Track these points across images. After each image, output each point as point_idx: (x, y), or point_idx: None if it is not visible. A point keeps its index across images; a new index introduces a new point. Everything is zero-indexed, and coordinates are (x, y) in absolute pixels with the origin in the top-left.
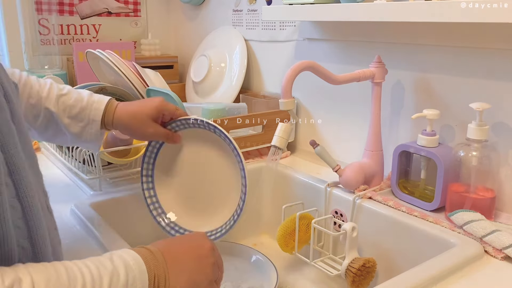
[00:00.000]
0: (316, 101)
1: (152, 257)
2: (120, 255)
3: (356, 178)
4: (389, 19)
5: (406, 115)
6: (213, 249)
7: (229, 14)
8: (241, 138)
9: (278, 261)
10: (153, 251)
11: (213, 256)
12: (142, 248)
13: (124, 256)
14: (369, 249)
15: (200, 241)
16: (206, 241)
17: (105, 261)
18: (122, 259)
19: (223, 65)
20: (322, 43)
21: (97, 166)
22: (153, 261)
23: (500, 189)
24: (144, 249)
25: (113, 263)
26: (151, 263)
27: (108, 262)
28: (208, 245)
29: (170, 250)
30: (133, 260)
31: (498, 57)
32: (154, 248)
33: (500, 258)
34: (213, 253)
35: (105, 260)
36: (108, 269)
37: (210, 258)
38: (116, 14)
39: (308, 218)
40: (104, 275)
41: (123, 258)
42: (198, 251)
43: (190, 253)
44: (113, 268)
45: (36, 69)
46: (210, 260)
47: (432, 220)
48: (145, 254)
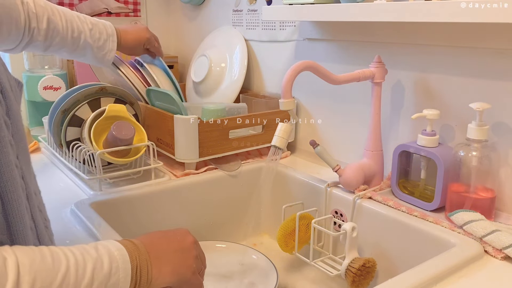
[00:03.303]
0: (316, 101)
1: (135, 248)
2: (105, 245)
3: (356, 178)
4: (389, 19)
5: (406, 115)
6: (195, 242)
7: (229, 14)
8: (241, 138)
9: (278, 261)
10: (136, 244)
11: (195, 249)
12: (126, 240)
13: (109, 246)
14: (369, 249)
15: (183, 235)
16: (189, 236)
17: (90, 249)
18: (106, 249)
19: (223, 65)
20: (322, 43)
21: (97, 166)
22: (136, 253)
23: (500, 189)
24: (128, 241)
25: (97, 252)
26: (134, 255)
27: (92, 250)
28: (191, 239)
29: (153, 242)
30: (117, 251)
31: (498, 57)
32: (137, 241)
33: (500, 258)
34: (195, 246)
35: (90, 248)
36: (93, 256)
37: (193, 251)
38: (116, 14)
39: (308, 218)
40: (88, 261)
41: (107, 248)
42: (181, 244)
43: (173, 246)
44: (98, 256)
45: (36, 69)
46: (193, 253)
47: (432, 220)
48: (129, 245)
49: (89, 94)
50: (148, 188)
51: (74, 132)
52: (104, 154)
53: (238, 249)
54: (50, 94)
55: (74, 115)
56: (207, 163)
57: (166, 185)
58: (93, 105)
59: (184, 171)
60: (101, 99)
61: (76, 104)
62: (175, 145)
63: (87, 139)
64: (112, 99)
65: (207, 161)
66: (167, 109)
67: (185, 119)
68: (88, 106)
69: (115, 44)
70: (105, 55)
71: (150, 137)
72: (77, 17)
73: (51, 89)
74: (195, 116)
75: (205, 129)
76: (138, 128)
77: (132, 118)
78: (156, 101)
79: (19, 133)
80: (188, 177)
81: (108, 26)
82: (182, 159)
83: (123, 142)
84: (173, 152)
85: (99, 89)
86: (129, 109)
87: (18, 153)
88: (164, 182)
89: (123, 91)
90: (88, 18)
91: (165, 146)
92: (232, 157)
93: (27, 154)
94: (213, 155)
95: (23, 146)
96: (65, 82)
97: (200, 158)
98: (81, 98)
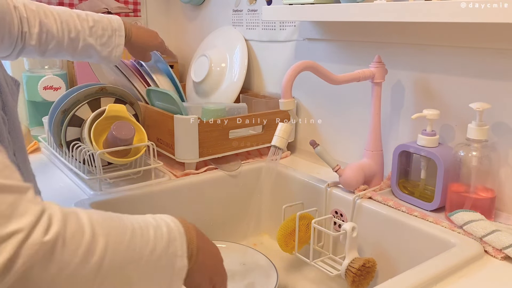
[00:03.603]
0: (316, 101)
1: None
2: (161, 216)
3: (356, 178)
4: (389, 19)
5: (406, 115)
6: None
7: (229, 14)
8: (241, 138)
9: (278, 261)
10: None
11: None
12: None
13: (164, 218)
14: (369, 249)
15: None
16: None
17: (147, 217)
18: (163, 220)
19: (223, 65)
20: (322, 43)
21: (97, 166)
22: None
23: (500, 189)
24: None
25: (156, 221)
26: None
27: (150, 218)
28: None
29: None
30: (173, 222)
31: (498, 57)
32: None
33: (500, 258)
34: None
35: (146, 217)
36: (152, 223)
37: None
38: (116, 14)
39: (308, 218)
40: (150, 227)
41: (163, 219)
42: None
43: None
44: (156, 224)
45: (36, 69)
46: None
47: (432, 220)
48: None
49: (89, 94)
50: (148, 188)
51: (74, 132)
52: (104, 154)
53: (238, 249)
54: (50, 94)
55: (74, 115)
56: (207, 163)
57: (166, 185)
58: (93, 105)
59: (184, 171)
60: (101, 99)
61: (76, 104)
62: (175, 145)
63: (87, 139)
64: (112, 99)
65: (207, 161)
66: (167, 109)
67: (185, 119)
68: (88, 106)
69: (123, 39)
70: (111, 52)
71: (150, 137)
72: (77, 16)
73: (51, 89)
74: (195, 116)
75: (205, 129)
76: (138, 128)
77: (132, 118)
78: (156, 101)
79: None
80: (188, 177)
81: (114, 20)
82: (182, 159)
83: (123, 142)
84: (173, 152)
85: (99, 89)
86: (129, 109)
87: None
88: (164, 182)
89: (123, 91)
90: (90, 16)
91: (165, 146)
92: (232, 157)
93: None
94: (213, 155)
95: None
96: (65, 82)
97: (200, 158)
98: (81, 98)
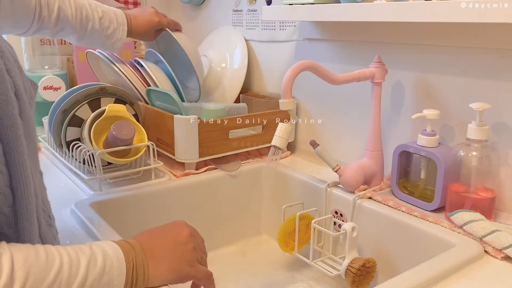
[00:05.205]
0: (316, 101)
1: (131, 249)
2: (100, 244)
3: (356, 178)
4: (389, 19)
5: (406, 115)
6: (191, 234)
7: (229, 14)
8: (241, 138)
9: (278, 261)
10: (132, 244)
11: (192, 241)
12: (122, 241)
13: (103, 245)
14: (369, 249)
15: (178, 229)
16: (184, 228)
17: (85, 247)
18: (101, 248)
19: (223, 65)
20: (322, 43)
21: (97, 166)
22: (132, 253)
23: (500, 189)
24: (124, 241)
25: (91, 250)
26: (130, 255)
27: (87, 249)
28: (186, 231)
29: (148, 241)
30: (112, 250)
31: (498, 57)
32: (133, 241)
33: (500, 258)
34: (191, 238)
35: (84, 247)
36: (87, 254)
37: (189, 243)
38: None
39: (308, 218)
40: (81, 259)
41: (102, 247)
42: (176, 239)
43: (168, 242)
44: (91, 253)
45: (36, 69)
46: (189, 245)
47: (432, 220)
48: (125, 246)
49: (89, 94)
50: (148, 188)
51: (74, 132)
52: (104, 154)
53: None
54: (50, 94)
55: (74, 115)
56: (207, 163)
57: (166, 185)
58: (93, 105)
59: (184, 171)
60: (101, 99)
61: (76, 104)
62: (175, 145)
63: (87, 139)
64: (112, 99)
65: (207, 161)
66: (167, 109)
67: (185, 119)
68: (88, 106)
69: (125, 33)
70: (113, 44)
71: (150, 137)
72: (88, 4)
73: (51, 89)
74: (195, 116)
75: (205, 129)
76: (138, 128)
77: (132, 118)
78: (156, 101)
79: (30, 134)
80: (188, 177)
81: (119, 15)
82: (182, 159)
83: (123, 142)
84: (173, 152)
85: (99, 89)
86: (129, 109)
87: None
88: (164, 182)
89: (123, 91)
90: (99, 6)
91: (165, 146)
92: (232, 157)
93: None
94: (213, 155)
95: (33, 147)
96: (65, 82)
97: (200, 158)
98: (81, 98)
